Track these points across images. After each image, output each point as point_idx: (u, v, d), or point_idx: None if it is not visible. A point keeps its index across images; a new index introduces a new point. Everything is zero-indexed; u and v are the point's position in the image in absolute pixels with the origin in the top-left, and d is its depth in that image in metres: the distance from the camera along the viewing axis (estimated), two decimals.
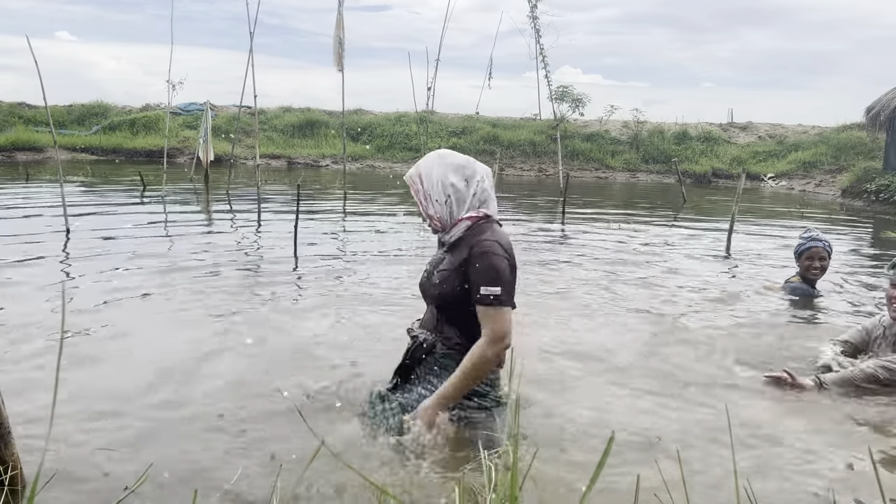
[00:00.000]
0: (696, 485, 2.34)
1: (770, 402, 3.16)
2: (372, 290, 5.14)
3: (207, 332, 3.98)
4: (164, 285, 5.05)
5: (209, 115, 13.14)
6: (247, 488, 2.28)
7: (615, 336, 4.13)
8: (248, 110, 18.05)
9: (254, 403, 2.95)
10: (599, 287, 5.50)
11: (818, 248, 4.82)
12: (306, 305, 4.73)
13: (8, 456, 2.06)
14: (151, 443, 2.58)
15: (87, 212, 8.87)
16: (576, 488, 2.28)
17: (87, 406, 2.84)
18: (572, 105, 17.84)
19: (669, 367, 3.57)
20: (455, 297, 2.44)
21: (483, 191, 2.53)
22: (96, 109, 21.30)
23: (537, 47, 16.63)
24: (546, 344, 3.86)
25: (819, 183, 18.05)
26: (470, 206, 2.51)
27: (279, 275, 5.63)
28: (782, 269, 6.46)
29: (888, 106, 14.87)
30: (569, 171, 14.71)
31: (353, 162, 19.04)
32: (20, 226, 7.51)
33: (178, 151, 18.78)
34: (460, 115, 22.89)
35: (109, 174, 14.60)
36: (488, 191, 2.55)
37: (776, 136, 21.60)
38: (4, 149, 17.38)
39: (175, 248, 6.69)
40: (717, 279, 6.06)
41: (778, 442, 2.73)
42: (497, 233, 2.47)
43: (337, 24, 11.61)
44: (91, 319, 4.10)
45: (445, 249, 2.57)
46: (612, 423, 2.79)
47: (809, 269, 4.89)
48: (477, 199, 2.52)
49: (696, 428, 2.83)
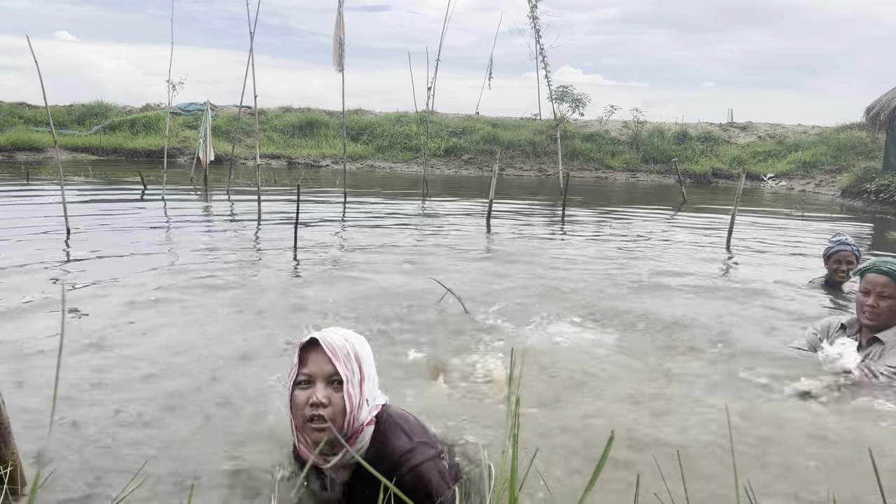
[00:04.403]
0: (696, 485, 2.33)
1: (770, 401, 3.16)
2: (372, 287, 5.14)
3: (208, 331, 3.98)
4: (164, 285, 5.05)
5: (209, 115, 13.14)
6: (247, 487, 2.28)
7: (615, 335, 4.12)
8: (248, 110, 18.06)
9: (254, 403, 2.95)
10: (599, 287, 5.50)
11: (847, 251, 4.94)
12: (307, 304, 4.73)
13: (8, 455, 2.06)
14: (151, 440, 2.58)
15: (88, 212, 8.87)
16: (576, 488, 2.28)
17: (87, 405, 2.84)
18: (572, 105, 17.83)
19: (669, 367, 3.57)
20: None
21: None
22: (96, 109, 21.32)
23: (537, 47, 16.64)
24: (546, 344, 3.86)
25: (819, 183, 18.04)
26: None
27: (279, 273, 5.63)
28: (782, 268, 6.47)
29: (888, 106, 14.87)
30: (569, 171, 14.72)
31: (353, 162, 19.04)
32: (20, 226, 7.50)
33: (179, 151, 18.79)
34: (460, 115, 22.90)
35: (110, 174, 14.60)
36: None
37: (776, 136, 21.60)
38: (4, 149, 17.39)
39: (175, 248, 6.69)
40: (717, 279, 6.06)
41: (778, 441, 2.73)
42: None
43: (337, 24, 11.61)
44: (91, 319, 4.11)
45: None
46: (612, 423, 2.79)
47: (837, 272, 5.01)
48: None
49: (697, 427, 2.83)
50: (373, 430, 1.85)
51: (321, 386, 1.77)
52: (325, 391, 1.76)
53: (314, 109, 22.85)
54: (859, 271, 3.45)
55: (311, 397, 1.75)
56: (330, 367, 1.77)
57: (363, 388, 1.81)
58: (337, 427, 1.75)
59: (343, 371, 1.77)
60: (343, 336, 1.84)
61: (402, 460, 1.79)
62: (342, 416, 1.76)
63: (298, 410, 1.78)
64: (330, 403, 1.75)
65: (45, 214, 8.13)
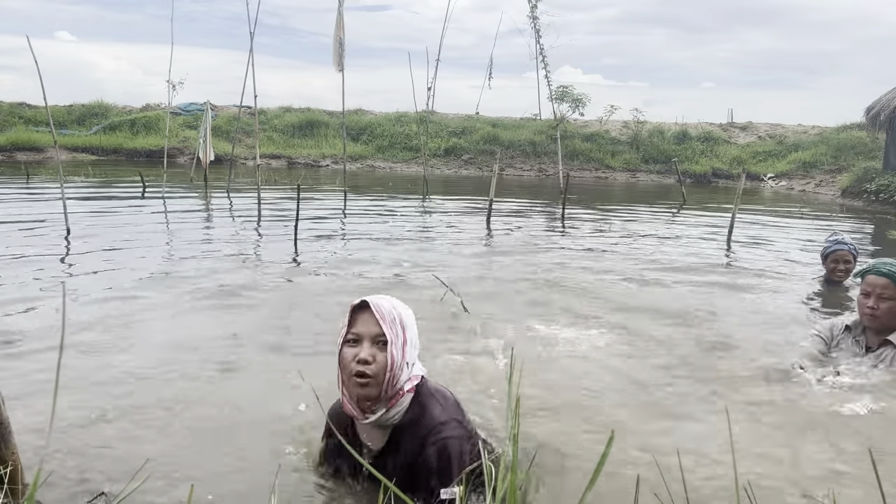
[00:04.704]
0: (696, 485, 2.33)
1: (771, 401, 3.16)
2: (372, 286, 5.14)
3: (208, 331, 3.98)
4: (164, 285, 5.05)
5: (209, 115, 13.14)
6: (246, 487, 2.28)
7: (615, 336, 4.12)
8: (248, 110, 18.06)
9: (254, 402, 2.95)
10: (599, 287, 5.50)
11: (843, 251, 4.96)
12: (307, 303, 4.73)
13: (8, 455, 2.05)
14: (151, 440, 2.58)
15: (88, 212, 8.87)
16: (576, 488, 2.28)
17: (87, 405, 2.84)
18: (572, 105, 17.80)
19: (669, 367, 3.57)
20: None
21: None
22: (96, 109, 21.30)
23: (537, 47, 16.62)
24: (546, 345, 3.86)
25: (819, 183, 18.04)
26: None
27: (280, 272, 5.62)
28: (782, 268, 6.47)
29: (888, 106, 14.86)
30: (569, 172, 14.70)
31: (353, 162, 19.04)
32: (20, 226, 7.50)
33: (179, 151, 18.78)
34: (460, 115, 22.90)
35: (110, 174, 14.60)
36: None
37: (776, 136, 21.59)
38: (4, 149, 17.39)
39: (176, 248, 6.69)
40: (717, 278, 6.05)
41: (778, 441, 2.73)
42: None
43: (337, 24, 11.61)
44: (92, 319, 4.10)
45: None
46: (612, 423, 2.79)
47: (835, 272, 5.03)
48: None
49: (697, 427, 2.83)
50: (411, 399, 2.00)
51: (367, 345, 1.92)
52: (370, 350, 1.92)
53: (314, 109, 22.85)
54: (860, 273, 3.46)
55: (357, 354, 1.91)
56: (377, 328, 1.92)
57: (405, 351, 1.96)
58: (378, 383, 1.91)
59: (388, 333, 1.92)
60: (391, 302, 2.00)
61: (434, 430, 1.93)
62: (385, 373, 1.91)
63: (345, 366, 1.94)
64: (374, 361, 1.91)
65: (45, 214, 8.14)
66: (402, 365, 1.94)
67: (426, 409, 1.98)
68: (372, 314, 1.93)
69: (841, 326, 3.55)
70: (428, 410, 1.98)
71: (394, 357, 1.92)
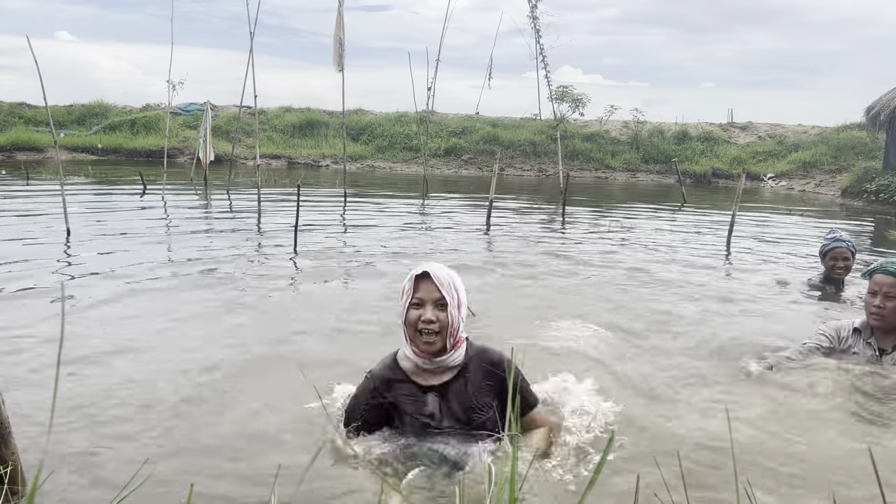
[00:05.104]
0: (696, 485, 2.33)
1: (771, 401, 3.16)
2: (372, 285, 5.14)
3: (208, 331, 3.98)
4: (164, 285, 5.05)
5: (209, 116, 13.14)
6: (247, 487, 2.28)
7: (615, 336, 4.12)
8: (248, 110, 18.06)
9: (254, 402, 2.95)
10: (600, 287, 5.50)
11: (842, 248, 4.96)
12: (306, 302, 4.73)
13: (8, 455, 2.05)
14: (151, 441, 2.58)
15: (88, 212, 8.87)
16: (576, 488, 2.28)
17: (87, 405, 2.84)
18: (572, 105, 17.80)
19: (669, 367, 3.57)
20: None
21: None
22: (96, 109, 21.30)
23: (537, 47, 16.60)
24: (546, 344, 3.86)
25: (819, 183, 18.05)
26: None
27: (280, 272, 5.62)
28: (781, 267, 6.47)
29: (888, 106, 14.87)
30: (569, 172, 14.70)
31: (353, 162, 19.04)
32: (21, 226, 7.50)
33: (179, 151, 18.78)
34: (460, 115, 22.90)
35: (110, 174, 14.60)
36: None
37: (776, 136, 21.60)
38: (4, 149, 17.38)
39: (176, 248, 6.69)
40: (717, 278, 6.06)
41: (779, 441, 2.73)
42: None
43: (337, 24, 11.61)
44: (92, 319, 4.10)
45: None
46: (612, 423, 2.79)
47: (833, 269, 5.03)
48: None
49: (697, 427, 2.83)
50: (466, 345, 2.44)
51: (430, 308, 2.31)
52: (433, 311, 2.30)
53: (314, 109, 22.85)
54: (868, 272, 3.45)
55: (422, 315, 2.30)
56: (437, 293, 2.31)
57: (461, 311, 2.37)
58: (441, 338, 2.32)
59: (447, 296, 2.32)
60: (445, 270, 2.39)
61: (501, 357, 2.45)
62: (446, 329, 2.32)
63: (411, 325, 2.33)
64: (437, 320, 2.30)
65: (46, 214, 8.14)
66: (458, 320, 2.34)
67: (484, 347, 2.50)
68: (432, 281, 2.31)
69: (849, 329, 3.51)
70: (485, 349, 2.49)
71: (453, 316, 2.32)
